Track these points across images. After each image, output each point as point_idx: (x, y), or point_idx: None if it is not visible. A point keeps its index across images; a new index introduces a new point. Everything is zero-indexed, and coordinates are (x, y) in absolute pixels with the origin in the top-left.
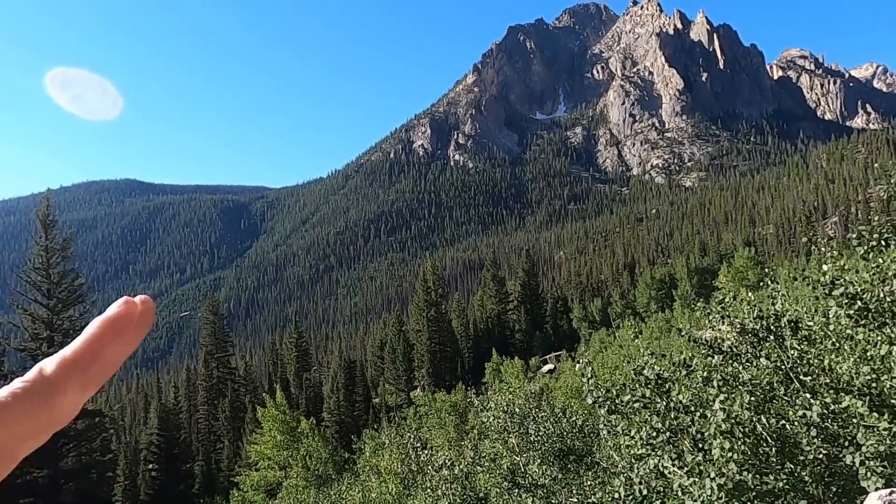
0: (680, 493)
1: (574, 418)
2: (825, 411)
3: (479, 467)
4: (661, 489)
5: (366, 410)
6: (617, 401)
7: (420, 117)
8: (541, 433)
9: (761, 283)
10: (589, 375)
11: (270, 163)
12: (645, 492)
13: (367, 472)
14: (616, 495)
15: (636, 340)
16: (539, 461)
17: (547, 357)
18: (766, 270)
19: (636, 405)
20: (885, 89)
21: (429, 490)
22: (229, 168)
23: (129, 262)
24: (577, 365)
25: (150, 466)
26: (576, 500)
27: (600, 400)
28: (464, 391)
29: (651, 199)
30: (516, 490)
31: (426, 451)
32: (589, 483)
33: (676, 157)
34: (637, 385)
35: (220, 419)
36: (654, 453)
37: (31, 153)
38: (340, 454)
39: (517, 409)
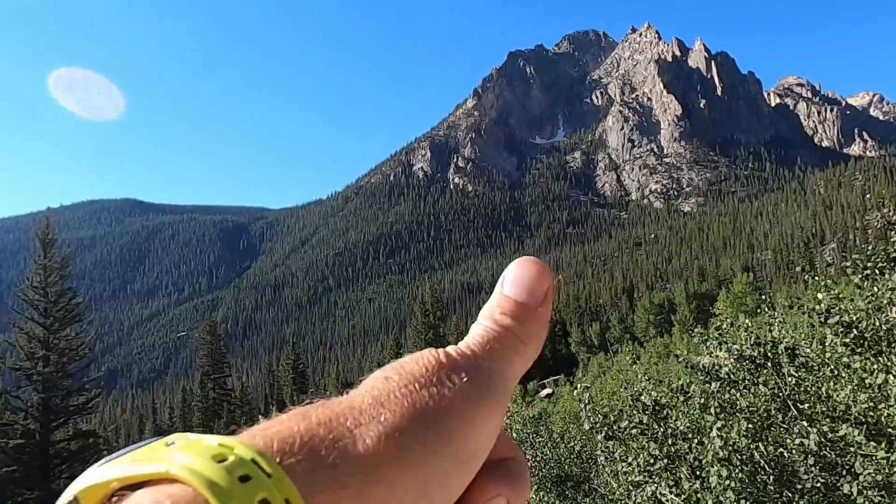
0: None
1: (572, 444)
2: (822, 440)
3: None
4: None
5: None
6: (614, 427)
7: (420, 140)
8: (538, 459)
9: (759, 310)
10: (586, 401)
11: (270, 184)
12: None
13: None
14: None
15: (634, 366)
16: (536, 487)
17: (545, 381)
18: (764, 297)
19: (633, 431)
20: (881, 117)
21: None
22: (229, 188)
23: (126, 281)
24: (576, 390)
25: None
26: None
27: (597, 426)
28: None
29: (650, 223)
30: None
31: None
32: None
33: (675, 182)
34: (634, 411)
35: None
36: (651, 480)
37: (31, 172)
38: None
39: (514, 435)
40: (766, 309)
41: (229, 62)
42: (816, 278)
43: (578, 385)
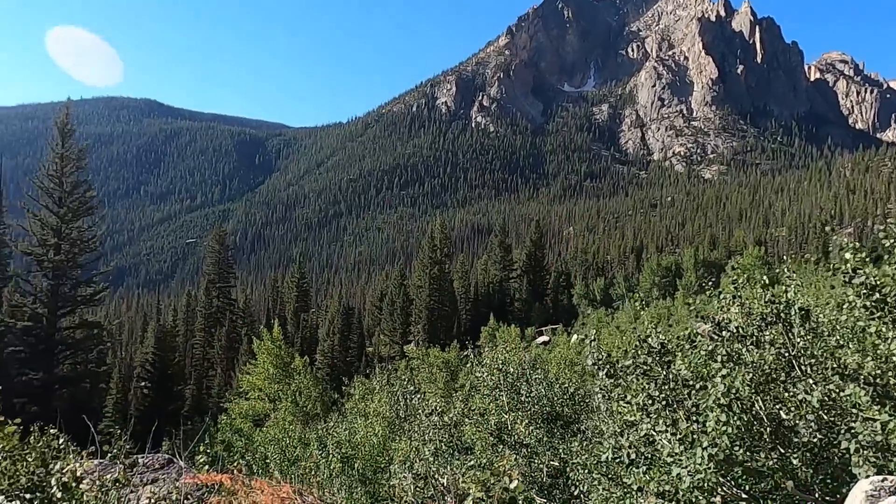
0: (669, 461)
1: (566, 385)
2: (826, 398)
3: (467, 419)
4: (649, 456)
5: (358, 357)
6: (618, 365)
7: (447, 74)
8: (532, 394)
9: (769, 283)
10: (592, 338)
11: (291, 101)
12: (633, 457)
13: (355, 414)
14: (603, 458)
15: (643, 312)
16: (527, 422)
17: (543, 329)
18: (783, 266)
19: (637, 371)
20: None
21: (416, 434)
22: (249, 101)
23: (141, 182)
24: (573, 338)
25: (143, 384)
26: (557, 463)
27: (600, 362)
28: (457, 350)
29: (668, 186)
30: (501, 446)
31: (418, 395)
32: (576, 446)
33: (700, 147)
34: (639, 352)
35: (216, 347)
36: (647, 419)
37: (53, 61)
38: (330, 395)
39: (511, 369)
40: (785, 270)
41: None
42: (845, 240)
43: (576, 333)
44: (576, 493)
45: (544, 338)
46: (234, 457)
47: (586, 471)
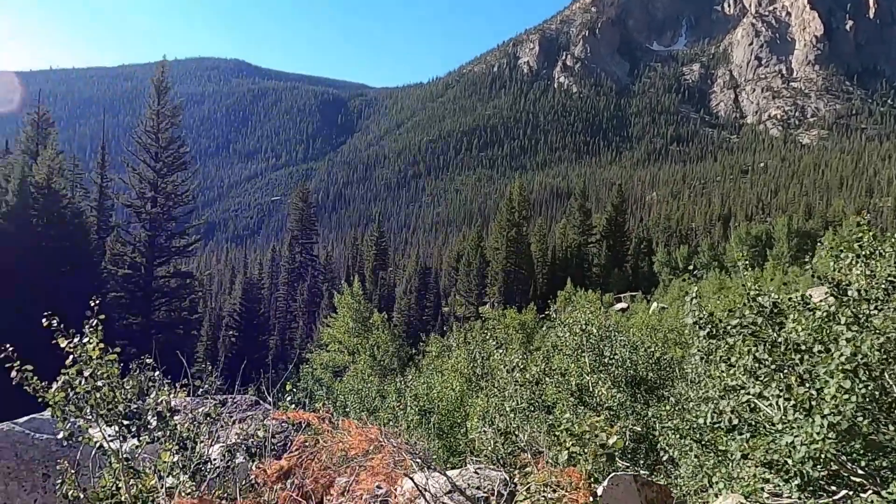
0: (779, 427)
1: (652, 349)
2: None
3: (547, 378)
4: (753, 423)
5: (434, 317)
6: (721, 325)
7: (530, 33)
8: (615, 356)
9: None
10: (693, 295)
11: (372, 61)
12: (736, 422)
13: (431, 370)
14: (700, 422)
15: (747, 272)
16: (609, 384)
17: (621, 296)
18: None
19: (744, 331)
20: None
21: (494, 391)
22: (332, 61)
23: (230, 140)
24: (652, 306)
25: (231, 332)
26: (640, 428)
27: (702, 322)
28: (534, 312)
29: (761, 151)
30: (582, 407)
31: (500, 350)
32: (668, 408)
33: (798, 109)
34: (747, 311)
35: (298, 301)
36: (755, 383)
37: (148, 23)
38: (406, 351)
39: (595, 331)
40: None
41: None
42: None
43: (655, 303)
44: (664, 459)
45: (622, 304)
46: (314, 403)
47: (678, 436)
